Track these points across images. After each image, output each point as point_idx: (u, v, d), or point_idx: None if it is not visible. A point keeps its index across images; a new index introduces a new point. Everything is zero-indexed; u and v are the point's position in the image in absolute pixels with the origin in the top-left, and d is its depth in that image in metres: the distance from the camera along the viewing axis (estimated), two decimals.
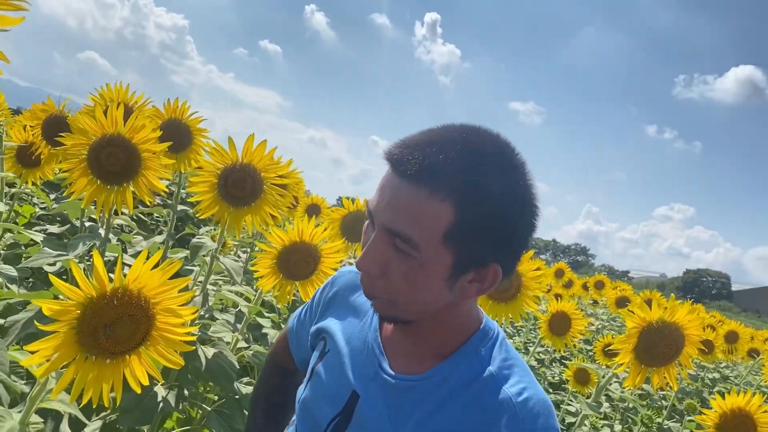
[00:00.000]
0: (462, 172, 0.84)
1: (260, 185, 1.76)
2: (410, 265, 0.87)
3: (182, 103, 2.51)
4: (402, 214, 0.86)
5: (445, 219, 0.84)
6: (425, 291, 0.90)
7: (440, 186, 0.83)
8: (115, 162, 1.66)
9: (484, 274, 0.91)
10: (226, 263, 1.84)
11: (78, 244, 1.78)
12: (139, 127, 1.66)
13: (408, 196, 0.85)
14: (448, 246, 0.86)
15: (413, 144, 0.88)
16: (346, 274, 1.22)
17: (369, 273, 0.92)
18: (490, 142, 0.90)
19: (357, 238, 2.67)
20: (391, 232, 0.87)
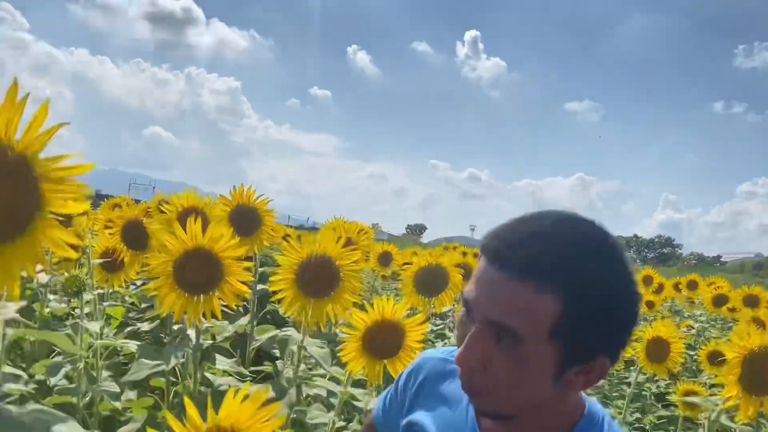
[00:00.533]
0: (567, 264, 0.82)
1: (337, 275, 1.78)
2: (515, 360, 0.85)
3: (248, 188, 2.59)
4: (506, 308, 0.84)
5: (552, 313, 0.82)
6: (530, 387, 0.87)
7: (546, 280, 0.82)
8: (200, 274, 1.72)
9: (592, 367, 0.88)
10: (313, 352, 1.86)
11: (171, 355, 1.85)
12: (217, 237, 1.72)
13: (512, 290, 0.83)
14: (555, 340, 0.83)
15: (510, 237, 0.87)
16: (430, 360, 1.20)
17: (471, 369, 0.89)
18: (588, 230, 0.89)
19: (431, 292, 2.65)
20: (495, 325, 0.85)
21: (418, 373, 1.19)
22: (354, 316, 1.82)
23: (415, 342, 1.88)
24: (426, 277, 2.55)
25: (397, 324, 1.85)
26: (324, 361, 1.82)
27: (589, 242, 0.86)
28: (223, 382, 2.03)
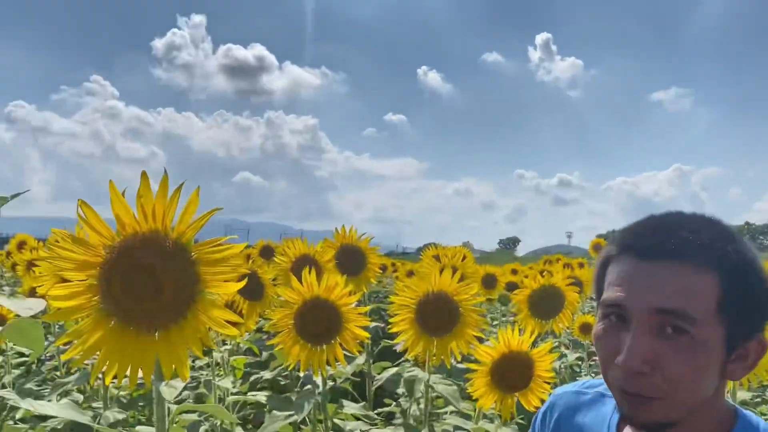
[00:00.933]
0: (717, 243, 0.85)
1: (456, 310, 1.76)
2: (688, 348, 0.82)
3: (350, 228, 2.63)
4: (672, 292, 0.83)
5: (715, 289, 0.83)
6: (707, 376, 0.85)
7: (701, 257, 0.84)
8: (320, 323, 1.75)
9: (748, 350, 0.87)
10: (441, 390, 1.84)
11: (303, 404, 1.88)
12: (333, 286, 1.75)
13: (671, 273, 0.84)
14: (722, 318, 0.83)
15: (652, 230, 0.89)
16: (563, 396, 1.17)
17: (640, 371, 0.84)
18: (711, 217, 0.91)
19: (548, 314, 2.57)
20: (665, 312, 0.83)
21: (552, 412, 1.17)
22: (480, 351, 1.80)
23: (544, 371, 1.83)
24: (540, 299, 2.48)
25: (525, 355, 1.81)
26: (454, 399, 1.80)
27: (720, 223, 0.90)
28: (353, 427, 2.05)
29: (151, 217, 0.89)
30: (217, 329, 0.92)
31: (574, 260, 6.95)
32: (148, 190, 0.89)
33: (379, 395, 2.91)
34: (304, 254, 2.37)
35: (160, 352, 0.90)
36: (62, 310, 0.92)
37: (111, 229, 0.91)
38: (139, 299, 0.88)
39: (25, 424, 2.71)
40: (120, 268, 0.89)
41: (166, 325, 0.90)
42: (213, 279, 0.91)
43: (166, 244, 0.89)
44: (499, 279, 4.08)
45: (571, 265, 6.69)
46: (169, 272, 0.88)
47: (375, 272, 2.66)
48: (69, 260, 0.90)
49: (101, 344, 0.91)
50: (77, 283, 0.92)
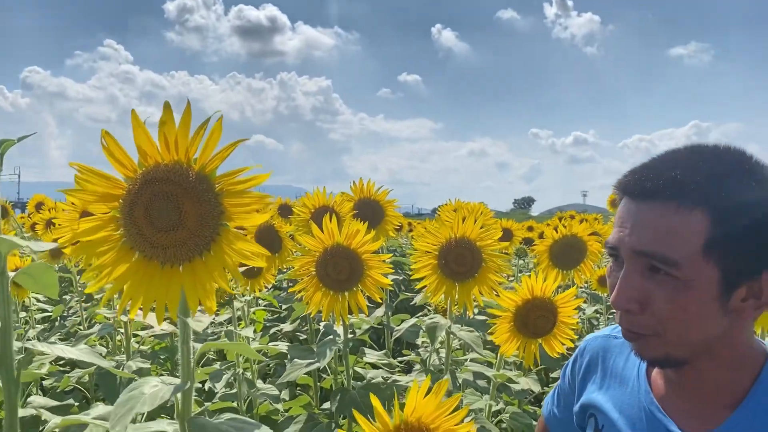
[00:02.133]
0: (709, 178, 0.81)
1: (479, 256, 1.74)
2: (673, 288, 0.81)
3: (367, 181, 2.60)
4: (651, 234, 0.81)
5: (701, 229, 0.79)
6: (696, 316, 0.82)
7: (687, 196, 0.80)
8: (342, 270, 1.74)
9: (759, 288, 0.82)
10: (463, 336, 1.84)
11: (325, 351, 1.89)
12: (354, 233, 1.73)
13: (653, 214, 0.82)
14: (711, 258, 0.79)
15: (646, 167, 0.87)
16: (593, 340, 1.16)
17: (628, 311, 0.86)
18: (726, 150, 0.86)
19: (569, 264, 2.55)
20: (644, 254, 0.82)
21: (582, 357, 1.16)
22: (503, 297, 1.78)
23: (568, 318, 1.81)
24: (561, 249, 2.45)
25: (548, 301, 1.79)
26: (476, 345, 1.79)
27: (728, 158, 0.85)
28: (374, 375, 2.05)
29: (174, 148, 0.87)
30: (243, 261, 0.90)
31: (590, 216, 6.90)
32: (171, 119, 0.86)
33: (397, 347, 2.93)
34: (324, 205, 2.35)
35: (185, 285, 0.89)
36: (86, 243, 0.90)
37: (133, 160, 0.89)
38: (163, 231, 0.86)
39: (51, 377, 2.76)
40: (143, 199, 0.87)
41: (191, 257, 0.88)
42: (237, 210, 0.88)
43: (189, 174, 0.87)
44: (515, 234, 4.04)
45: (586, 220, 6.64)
46: (192, 203, 0.86)
47: (393, 224, 2.65)
48: (91, 192, 0.88)
49: (126, 278, 0.90)
50: (100, 216, 0.90)
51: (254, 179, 0.87)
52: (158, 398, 0.94)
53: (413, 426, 1.06)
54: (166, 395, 0.94)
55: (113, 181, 0.89)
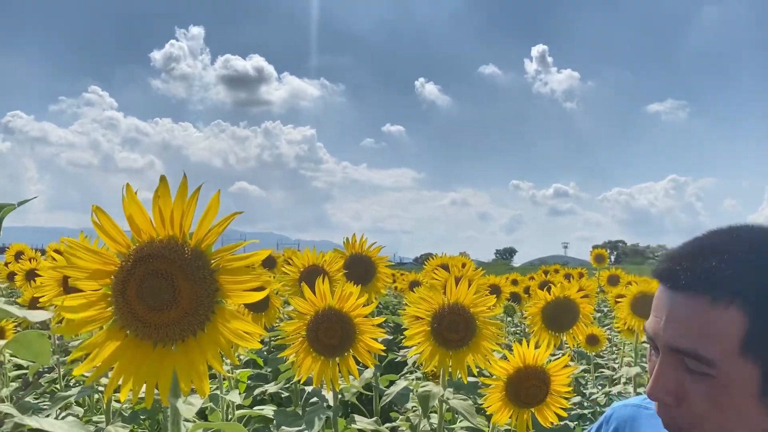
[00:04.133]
0: (745, 269, 0.76)
1: (473, 322, 1.71)
2: (710, 387, 0.77)
3: (360, 237, 2.59)
4: (685, 330, 0.77)
5: (738, 326, 0.74)
6: (736, 415, 0.77)
7: (722, 290, 0.75)
8: (334, 335, 1.69)
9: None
10: (456, 405, 1.79)
11: (314, 419, 1.83)
12: (347, 295, 1.70)
13: (687, 309, 0.77)
14: (749, 357, 0.75)
15: (681, 255, 0.82)
16: (621, 408, 1.13)
17: (664, 403, 0.82)
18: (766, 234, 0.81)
19: (563, 326, 2.52)
20: (678, 351, 0.78)
21: (608, 424, 1.13)
22: (495, 365, 1.75)
23: (561, 386, 1.78)
24: (555, 312, 2.43)
25: (541, 370, 1.76)
26: (469, 414, 1.75)
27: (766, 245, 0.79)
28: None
29: (168, 222, 0.85)
30: (237, 342, 0.87)
31: (574, 270, 6.89)
32: (167, 193, 0.84)
33: (386, 409, 2.85)
34: (313, 264, 2.32)
35: (177, 367, 0.85)
36: (74, 321, 0.87)
37: (126, 236, 0.86)
38: (156, 309, 0.83)
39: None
40: (136, 276, 0.84)
41: (184, 336, 0.85)
42: (233, 288, 0.86)
43: (184, 251, 0.84)
44: (503, 290, 4.02)
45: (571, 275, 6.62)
46: (187, 282, 0.83)
47: (385, 282, 2.62)
48: (81, 269, 0.85)
49: (116, 358, 0.86)
50: (90, 293, 0.87)
51: (251, 256, 0.85)
52: None
53: None
54: None
55: (105, 257, 0.86)
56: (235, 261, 0.85)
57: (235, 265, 0.85)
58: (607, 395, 3.84)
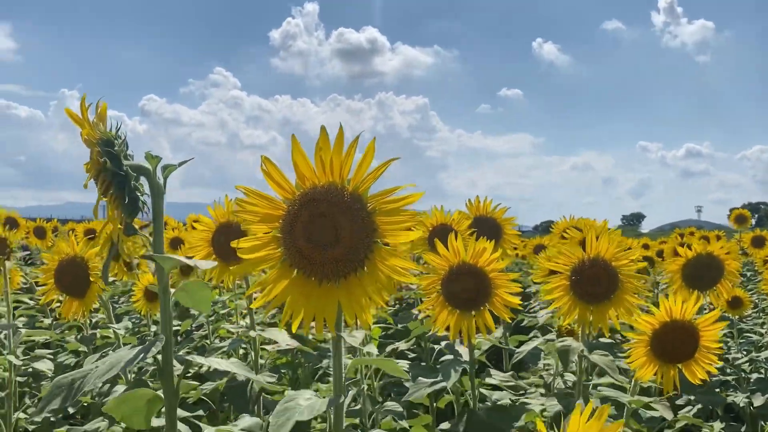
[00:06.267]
0: None
1: (615, 276, 1.66)
2: None
3: (484, 199, 2.57)
4: None
5: None
6: None
7: None
8: (469, 289, 1.72)
9: None
10: (597, 360, 1.76)
11: (450, 371, 1.87)
12: (480, 251, 1.71)
13: None
14: None
15: None
16: None
17: None
18: None
19: (704, 285, 2.38)
20: None
21: None
22: (639, 320, 1.69)
23: (711, 342, 1.69)
24: (696, 269, 2.30)
25: (689, 324, 1.68)
26: (611, 370, 1.71)
27: None
28: (499, 396, 2.01)
29: (329, 169, 0.90)
30: (395, 277, 0.91)
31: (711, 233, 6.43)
32: (326, 143, 0.89)
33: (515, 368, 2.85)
34: (442, 223, 2.35)
35: (342, 301, 0.92)
36: (248, 261, 0.96)
37: (291, 183, 0.93)
38: (320, 248, 0.90)
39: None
40: (302, 219, 0.91)
41: (346, 273, 0.91)
42: (389, 228, 0.90)
43: (344, 195, 0.90)
44: None
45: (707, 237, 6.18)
46: (348, 222, 0.89)
47: (512, 243, 2.60)
48: (254, 213, 0.94)
49: (286, 294, 0.94)
50: (261, 236, 0.96)
51: (407, 198, 0.89)
52: (315, 410, 0.97)
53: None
54: (323, 407, 0.97)
55: (274, 202, 0.94)
56: (390, 203, 0.90)
57: (391, 207, 0.90)
58: (752, 361, 3.59)
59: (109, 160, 1.07)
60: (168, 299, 1.14)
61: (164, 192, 1.14)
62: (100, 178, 1.10)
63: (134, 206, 1.12)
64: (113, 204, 1.11)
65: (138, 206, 1.13)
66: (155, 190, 1.13)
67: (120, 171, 1.09)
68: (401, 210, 0.89)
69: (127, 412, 1.26)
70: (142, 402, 1.23)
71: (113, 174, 1.09)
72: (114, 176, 1.09)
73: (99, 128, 1.11)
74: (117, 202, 1.11)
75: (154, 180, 1.12)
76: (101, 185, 1.09)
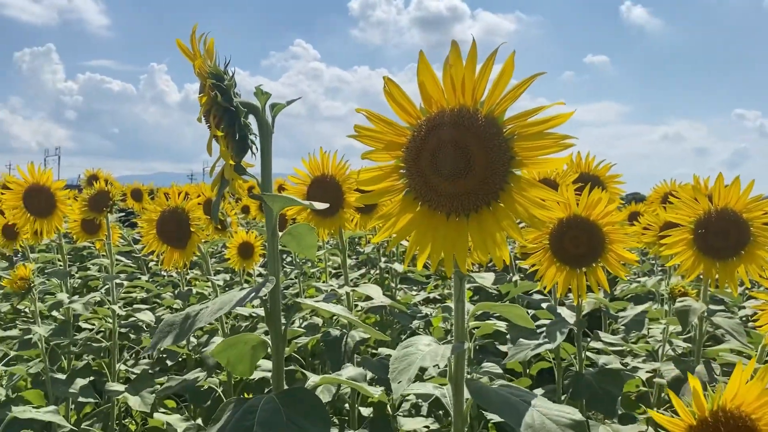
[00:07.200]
0: None
1: (746, 229, 1.50)
2: None
3: (586, 155, 2.42)
4: None
5: None
6: None
7: None
8: (580, 244, 1.60)
9: None
10: (722, 323, 1.61)
11: (555, 332, 1.77)
12: (594, 202, 1.59)
13: None
14: None
15: None
16: None
17: None
18: None
19: None
20: None
21: None
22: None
23: None
24: None
25: None
26: (738, 334, 1.56)
27: None
28: (607, 361, 1.90)
29: (460, 90, 0.82)
30: (535, 210, 0.82)
31: None
32: (458, 60, 0.81)
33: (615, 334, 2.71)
34: (544, 178, 2.22)
35: (472, 236, 0.84)
36: (369, 193, 0.89)
37: (416, 107, 0.85)
38: (449, 178, 0.82)
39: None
40: (429, 146, 0.83)
41: (477, 207, 0.83)
42: (530, 155, 0.81)
43: (477, 118, 0.81)
44: None
45: None
46: (481, 149, 0.80)
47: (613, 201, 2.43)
48: (377, 140, 0.87)
49: (410, 228, 0.87)
50: (383, 166, 0.89)
51: (552, 120, 0.79)
52: (438, 355, 0.90)
53: (732, 414, 0.92)
54: (447, 353, 0.91)
55: (398, 128, 0.86)
56: (532, 126, 0.80)
57: (533, 131, 0.80)
58: None
59: (220, 94, 1.04)
60: (276, 242, 1.11)
61: (272, 131, 1.10)
62: (211, 113, 1.07)
63: (243, 144, 1.08)
64: (225, 140, 1.07)
65: (247, 144, 1.09)
66: (264, 128, 1.08)
67: (231, 106, 1.05)
68: (545, 133, 0.79)
69: (233, 357, 1.24)
70: (248, 347, 1.21)
71: (224, 109, 1.05)
72: (225, 111, 1.06)
73: (207, 63, 1.07)
74: (228, 138, 1.07)
75: (263, 118, 1.08)
76: (213, 120, 1.06)
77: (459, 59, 0.81)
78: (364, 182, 0.89)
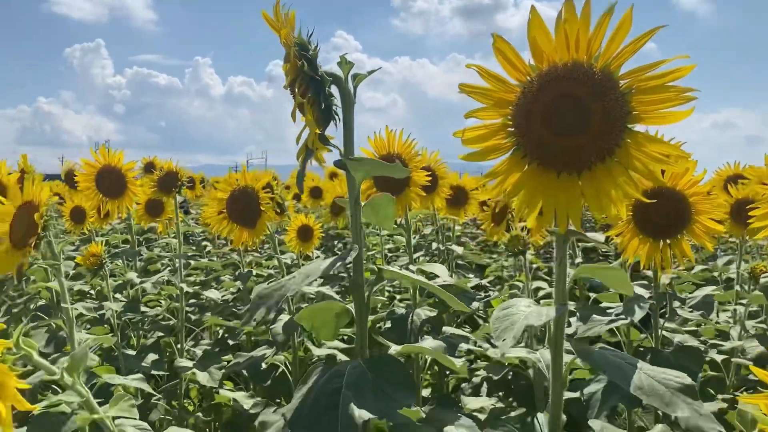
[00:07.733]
0: None
1: None
2: None
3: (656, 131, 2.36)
4: None
5: None
6: None
7: None
8: (666, 215, 1.56)
9: None
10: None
11: (634, 307, 1.74)
12: (681, 172, 1.55)
13: None
14: None
15: None
16: None
17: None
18: None
19: None
20: None
21: None
22: None
23: None
24: None
25: None
26: None
27: None
28: (682, 339, 1.85)
29: (574, 45, 0.80)
30: (654, 165, 0.80)
31: None
32: (573, 14, 0.79)
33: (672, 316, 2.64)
34: None
35: (586, 193, 0.82)
36: (476, 152, 0.89)
37: (526, 63, 0.84)
38: (563, 134, 0.81)
39: None
40: (542, 101, 0.82)
41: (592, 163, 0.82)
42: (650, 109, 0.79)
43: (593, 72, 0.79)
44: None
45: None
46: (598, 103, 0.79)
47: None
48: (487, 97, 0.86)
49: (519, 187, 0.86)
50: (489, 124, 0.88)
51: (673, 73, 0.77)
52: (543, 315, 0.89)
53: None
54: (552, 314, 0.90)
55: (508, 85, 0.85)
56: (652, 80, 0.78)
57: (653, 84, 0.78)
58: None
59: (306, 63, 1.04)
60: (359, 212, 1.12)
61: (354, 101, 1.10)
62: (297, 82, 1.08)
63: (328, 114, 1.09)
64: (310, 108, 1.08)
65: (331, 114, 1.10)
66: (347, 98, 1.09)
67: (316, 75, 1.06)
68: (667, 86, 0.77)
69: (317, 322, 1.27)
70: (331, 315, 1.23)
71: (310, 78, 1.06)
72: (311, 80, 1.07)
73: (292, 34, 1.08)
74: (313, 107, 1.08)
75: (346, 88, 1.09)
76: (299, 88, 1.06)
77: (573, 14, 0.79)
78: (470, 140, 0.88)
